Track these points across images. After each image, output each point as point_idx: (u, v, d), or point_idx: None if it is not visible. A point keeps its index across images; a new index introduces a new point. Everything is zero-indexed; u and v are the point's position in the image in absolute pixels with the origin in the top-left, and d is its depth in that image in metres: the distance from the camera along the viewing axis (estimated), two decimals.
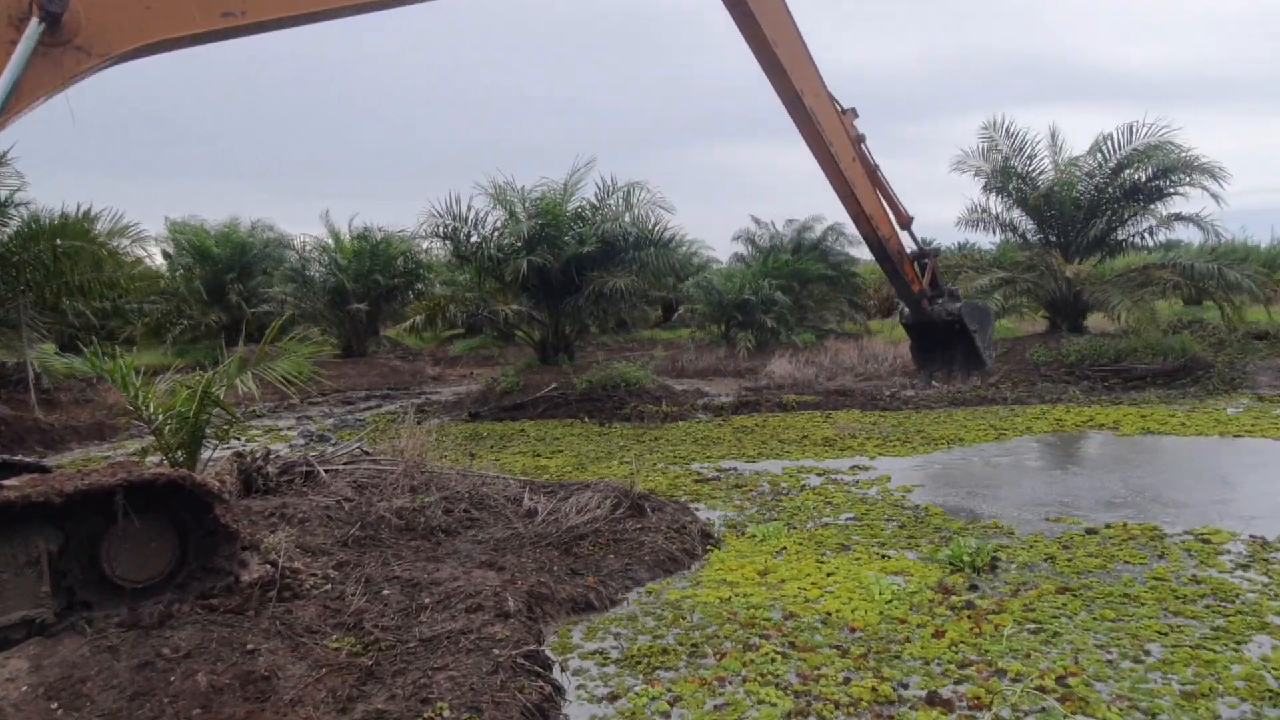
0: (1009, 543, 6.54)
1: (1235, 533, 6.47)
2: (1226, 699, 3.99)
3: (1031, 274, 19.07)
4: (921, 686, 4.23)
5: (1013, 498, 8.08)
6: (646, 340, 27.51)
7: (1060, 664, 4.37)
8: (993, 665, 4.40)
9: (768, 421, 13.43)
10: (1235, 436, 10.57)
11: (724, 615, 5.22)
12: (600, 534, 6.77)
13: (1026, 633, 4.79)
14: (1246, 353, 17.68)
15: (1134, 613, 5.05)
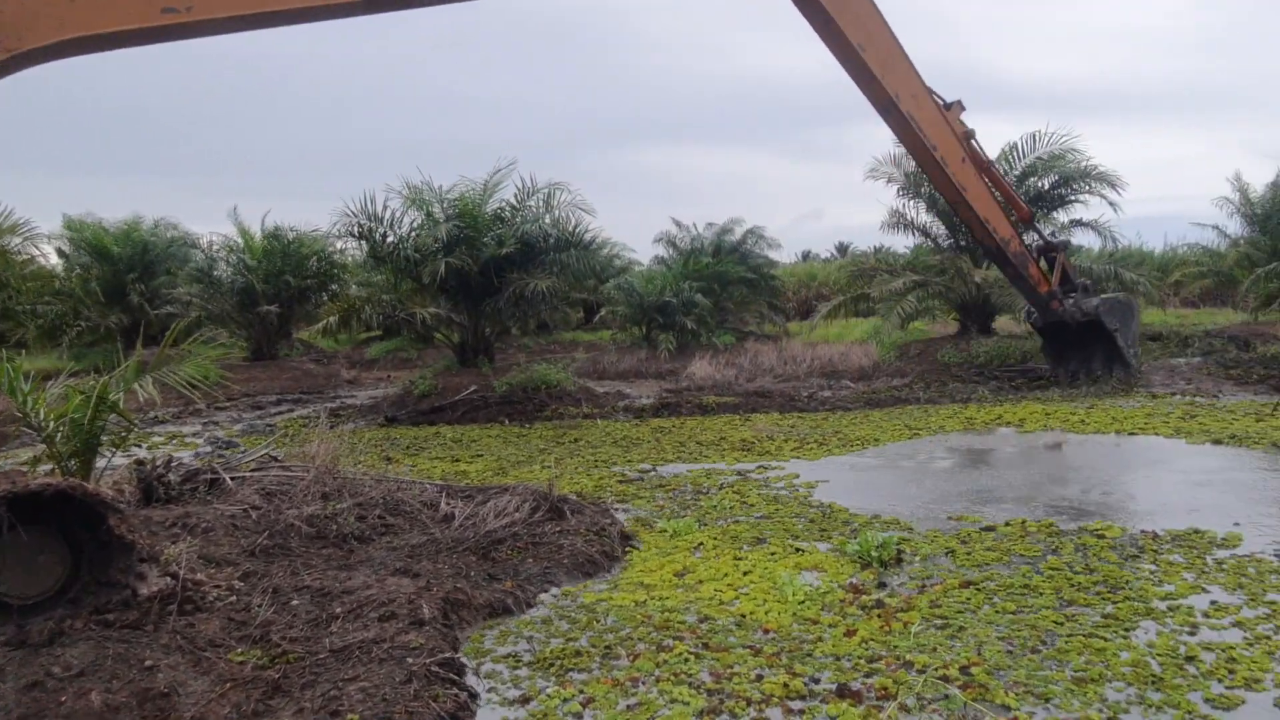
0: (911, 537, 6.73)
1: (1125, 527, 6.78)
2: (1114, 684, 4.17)
3: (943, 278, 19.68)
4: (832, 681, 4.32)
5: (919, 495, 8.32)
6: (568, 342, 27.45)
7: (964, 655, 4.51)
8: (900, 659, 4.52)
9: (687, 423, 13.54)
10: (1130, 434, 11.08)
11: (639, 618, 5.23)
12: (519, 538, 6.72)
13: (933, 628, 4.93)
14: (1142, 353, 18.56)
15: (1033, 603, 5.25)
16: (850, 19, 9.11)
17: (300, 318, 24.62)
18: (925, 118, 9.72)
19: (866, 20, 9.30)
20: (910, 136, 9.78)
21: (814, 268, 39.44)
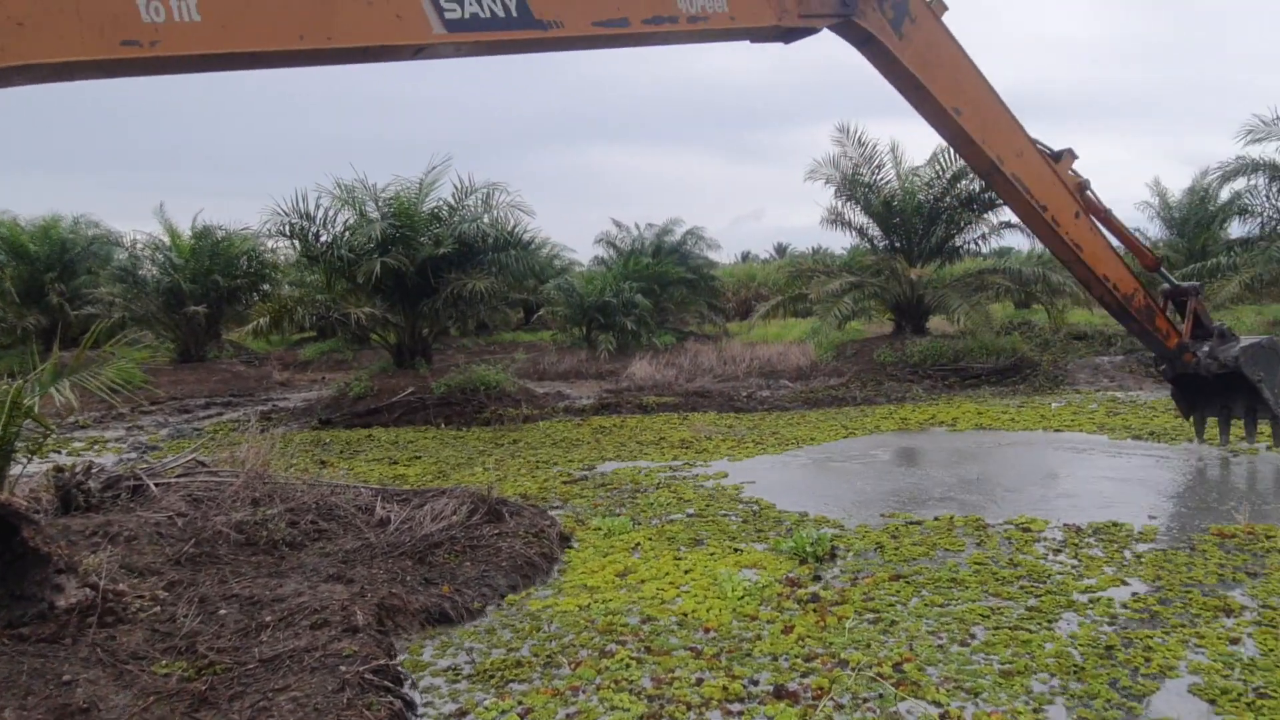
0: (844, 534, 6.85)
1: (1048, 520, 6.98)
2: (1039, 675, 4.30)
3: (879, 278, 20.03)
4: (770, 682, 4.36)
5: (852, 492, 8.46)
6: (508, 343, 27.22)
7: (897, 651, 4.60)
8: (836, 656, 4.58)
9: (628, 423, 13.56)
10: (1056, 431, 11.43)
11: (582, 623, 5.21)
12: (456, 541, 6.64)
13: (866, 623, 5.01)
14: (1068, 352, 19.16)
15: (960, 596, 5.38)
16: (944, 82, 7.79)
17: (230, 319, 23.94)
18: (1032, 176, 8.35)
19: (961, 78, 7.94)
20: (1016, 198, 8.45)
21: (753, 268, 39.82)
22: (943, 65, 7.76)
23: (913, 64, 7.57)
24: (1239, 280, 17.87)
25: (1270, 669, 4.24)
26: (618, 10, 5.83)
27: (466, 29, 5.27)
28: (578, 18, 5.71)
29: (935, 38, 7.74)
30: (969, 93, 7.94)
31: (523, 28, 5.48)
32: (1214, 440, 9.92)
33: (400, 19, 5.06)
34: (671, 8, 6.06)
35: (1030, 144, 8.37)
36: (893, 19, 7.41)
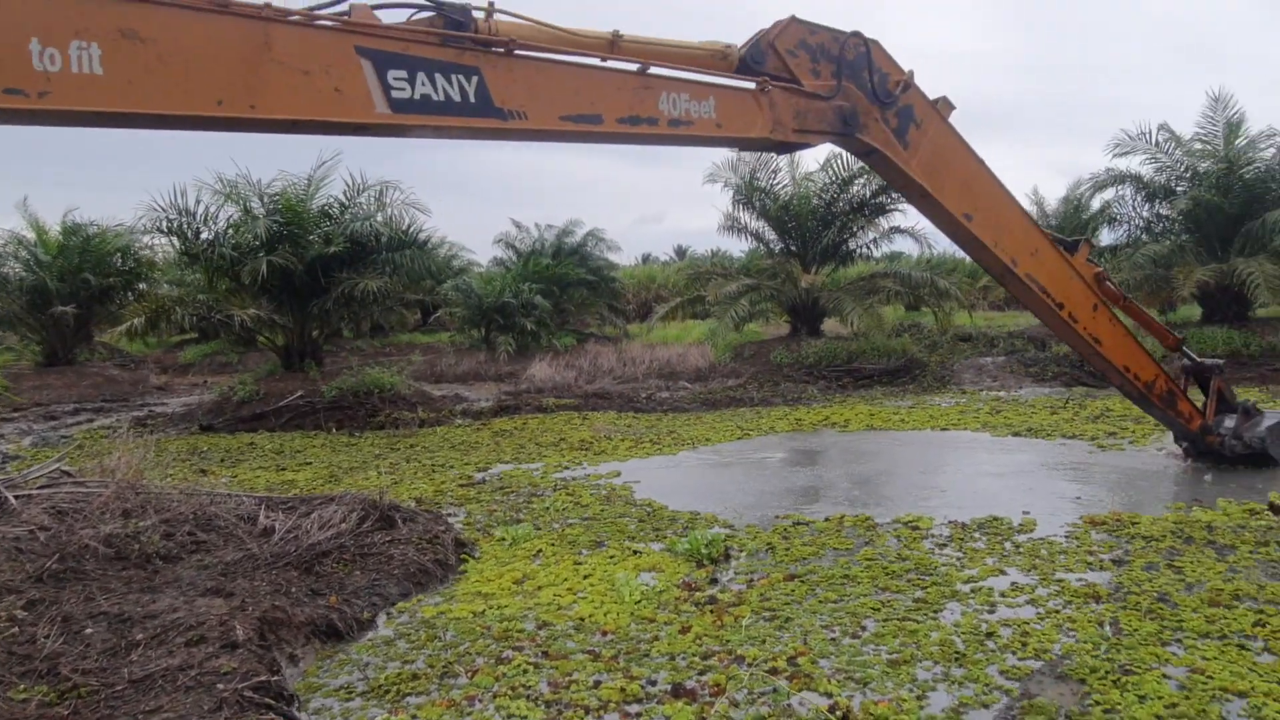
0: (738, 534, 6.92)
1: (934, 517, 7.22)
2: (924, 663, 4.43)
3: (775, 281, 20.41)
4: (668, 681, 4.35)
5: (747, 493, 8.58)
6: (404, 345, 26.61)
7: (792, 646, 4.66)
8: (733, 654, 4.62)
9: (527, 424, 13.43)
10: (943, 430, 11.86)
11: (478, 630, 5.11)
12: (346, 550, 6.42)
13: (763, 621, 5.08)
14: (955, 353, 19.93)
15: (852, 592, 5.50)
16: (953, 188, 7.11)
17: (103, 319, 22.58)
18: (1048, 275, 7.70)
19: (971, 181, 7.27)
20: (1031, 297, 7.80)
21: (653, 270, 40.06)
22: (951, 170, 7.11)
23: (920, 173, 6.91)
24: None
25: (1134, 647, 4.48)
26: (591, 106, 5.26)
27: (415, 111, 4.66)
28: (544, 110, 5.10)
29: (942, 141, 7.07)
30: (980, 196, 7.28)
31: (480, 116, 4.88)
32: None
33: (340, 94, 4.44)
34: (651, 109, 5.46)
35: (1045, 240, 7.80)
36: (897, 128, 6.74)
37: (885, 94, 6.61)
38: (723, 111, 5.76)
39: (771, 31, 6.11)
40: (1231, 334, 17.20)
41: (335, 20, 4.45)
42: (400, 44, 4.61)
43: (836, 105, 6.28)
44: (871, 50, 6.51)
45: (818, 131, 6.25)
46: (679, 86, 5.58)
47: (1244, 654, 4.37)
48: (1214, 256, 18.42)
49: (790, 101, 6.07)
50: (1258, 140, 18.66)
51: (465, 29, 4.81)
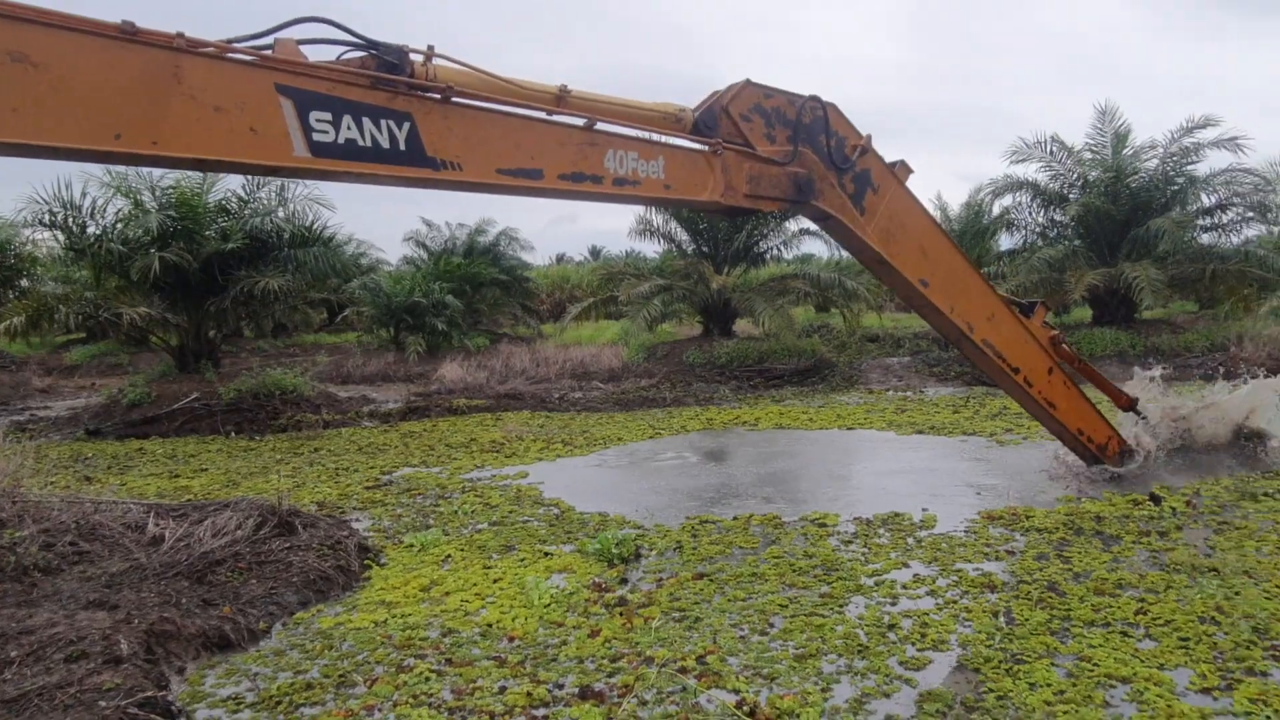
0: (649, 534, 6.94)
1: (839, 514, 7.36)
2: (829, 657, 4.51)
3: (688, 282, 20.56)
4: (576, 685, 4.31)
5: (657, 493, 8.59)
6: (309, 345, 25.81)
7: (701, 645, 4.68)
8: (642, 655, 4.60)
9: (437, 426, 13.19)
10: (849, 429, 12.12)
11: (378, 639, 4.97)
12: (241, 558, 6.18)
13: (672, 621, 5.08)
14: (862, 353, 20.44)
15: (760, 589, 5.56)
16: (909, 254, 6.93)
17: None
18: (1004, 341, 7.51)
19: (927, 245, 7.09)
20: (986, 362, 7.60)
21: (567, 270, 39.90)
22: (908, 235, 6.93)
23: (876, 239, 6.70)
24: (1006, 288, 19.71)
25: (1026, 636, 4.64)
26: (531, 160, 4.92)
27: (337, 156, 4.31)
28: (481, 162, 4.76)
29: (899, 205, 6.88)
30: (936, 261, 7.11)
31: (410, 165, 4.52)
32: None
33: (255, 134, 4.07)
34: (596, 166, 5.16)
35: (1001, 303, 7.61)
36: (854, 193, 6.54)
37: (842, 159, 6.41)
38: (672, 172, 5.52)
39: (725, 95, 5.83)
40: (1119, 335, 18.11)
41: (255, 55, 4.10)
42: (326, 84, 4.25)
43: (791, 172, 6.04)
44: (829, 114, 6.28)
45: (771, 198, 6.01)
46: (627, 144, 5.28)
47: (1127, 641, 4.57)
48: (1103, 261, 19.35)
49: (743, 166, 5.81)
50: (1141, 151, 19.71)
51: (400, 72, 4.47)
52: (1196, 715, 3.79)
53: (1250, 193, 19.59)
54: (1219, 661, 4.30)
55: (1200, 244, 19.97)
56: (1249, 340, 17.22)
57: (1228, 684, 4.07)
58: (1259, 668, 4.22)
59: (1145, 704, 3.90)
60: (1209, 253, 19.49)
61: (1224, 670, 4.20)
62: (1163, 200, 19.36)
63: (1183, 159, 19.25)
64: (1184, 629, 4.67)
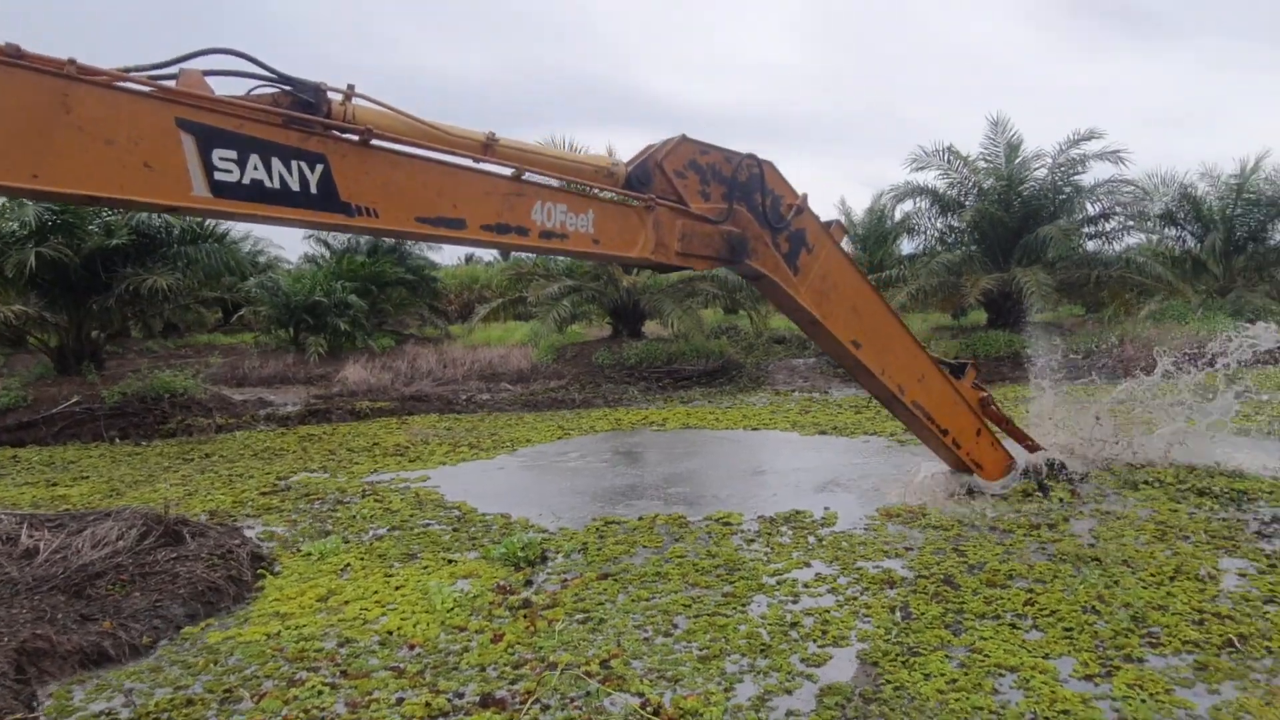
0: (555, 536, 6.88)
1: (743, 514, 7.43)
2: (732, 656, 4.53)
3: (597, 283, 20.54)
4: (477, 692, 4.23)
5: (564, 494, 8.54)
6: (203, 346, 24.77)
7: (605, 648, 4.64)
8: (545, 660, 4.54)
9: (339, 429, 12.82)
10: (755, 429, 12.29)
11: (269, 652, 4.77)
12: (123, 569, 5.86)
13: (576, 623, 5.03)
14: (769, 355, 20.79)
15: (663, 589, 5.56)
16: (842, 315, 6.82)
17: None
18: (934, 402, 7.45)
19: (860, 306, 6.96)
20: (915, 423, 7.55)
21: (476, 270, 39.33)
22: (841, 295, 6.82)
23: (809, 300, 6.60)
24: (907, 291, 20.35)
25: (922, 630, 4.77)
26: (454, 209, 4.69)
27: (240, 198, 4.03)
28: (398, 210, 4.50)
29: (833, 265, 6.77)
30: (868, 321, 7.00)
31: (321, 210, 4.25)
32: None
33: (149, 170, 3.77)
34: (523, 218, 4.95)
35: (932, 365, 7.51)
36: (788, 252, 6.43)
37: (777, 218, 6.32)
38: (602, 227, 5.33)
39: (660, 151, 5.69)
40: (1012, 337, 18.88)
41: (155, 86, 3.81)
42: (234, 120, 3.98)
43: (725, 230, 5.93)
44: (765, 171, 6.19)
45: (703, 256, 5.86)
46: (556, 196, 5.09)
47: (1015, 632, 4.73)
48: (997, 266, 20.16)
49: (676, 223, 5.66)
50: (1031, 161, 20.61)
51: (317, 111, 4.23)
52: (1078, 701, 3.95)
53: (1131, 202, 20.75)
54: (1100, 650, 4.49)
55: (1086, 251, 21.03)
56: (1130, 342, 18.19)
57: (1107, 671, 4.25)
58: (1135, 654, 4.42)
59: (1031, 691, 4.05)
60: (1094, 259, 20.54)
61: (1104, 659, 4.39)
62: (1051, 209, 20.29)
63: (1070, 169, 20.22)
64: (1068, 619, 4.87)
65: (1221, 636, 4.57)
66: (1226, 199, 23.33)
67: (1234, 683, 4.10)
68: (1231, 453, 8.69)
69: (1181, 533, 6.46)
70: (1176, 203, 23.86)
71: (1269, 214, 22.87)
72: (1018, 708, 3.90)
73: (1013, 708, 3.90)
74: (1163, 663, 4.34)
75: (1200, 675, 4.18)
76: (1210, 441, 8.84)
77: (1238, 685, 4.07)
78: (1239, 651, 4.41)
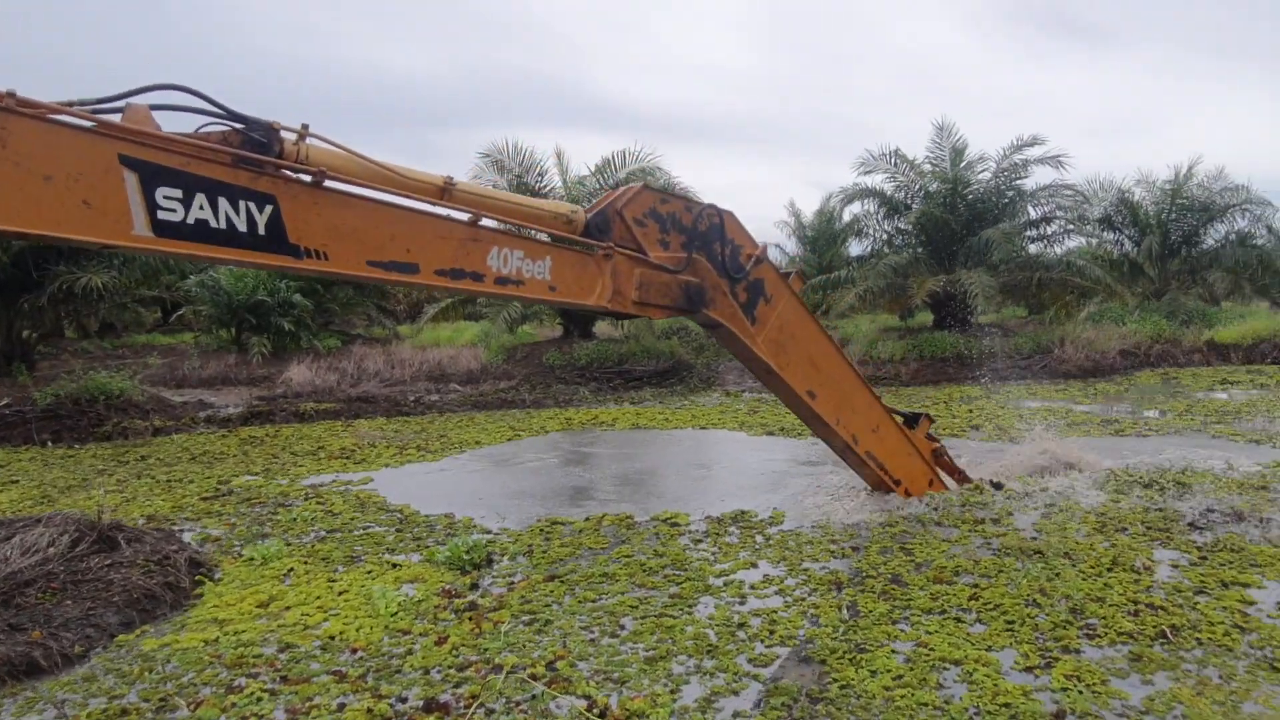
0: (500, 538, 6.83)
1: (690, 514, 7.43)
2: (679, 658, 4.51)
3: None
4: (421, 696, 4.16)
5: (511, 496, 8.47)
6: (141, 346, 24.10)
7: (551, 650, 4.60)
8: (491, 662, 4.49)
9: (282, 432, 12.56)
10: (703, 429, 12.32)
11: (207, 659, 4.64)
12: (54, 577, 5.66)
13: (522, 625, 4.98)
14: (720, 355, 20.84)
15: (610, 590, 5.54)
16: (798, 365, 6.76)
17: None
18: (887, 452, 7.41)
19: (816, 355, 6.89)
20: (868, 473, 7.49)
21: None
22: (798, 345, 6.78)
23: (766, 350, 6.57)
24: (855, 292, 20.61)
25: (869, 627, 4.81)
26: (406, 254, 4.61)
27: (184, 238, 3.90)
28: (349, 253, 4.41)
29: (790, 316, 6.76)
30: (825, 372, 6.94)
31: (268, 252, 4.13)
32: None
33: (88, 208, 3.63)
34: (478, 263, 4.89)
35: (886, 416, 7.44)
36: (746, 302, 6.40)
37: (736, 267, 6.30)
38: (558, 274, 5.29)
39: (620, 199, 5.67)
40: (957, 338, 19.23)
41: (98, 122, 3.67)
42: (180, 158, 3.85)
43: (683, 280, 5.91)
44: (725, 221, 6.18)
45: (660, 306, 5.82)
46: (513, 242, 5.05)
47: (960, 626, 4.80)
48: (943, 268, 20.51)
49: (634, 272, 5.64)
50: (975, 164, 21.02)
51: (268, 151, 4.10)
52: (1020, 692, 4.01)
53: (1071, 207, 21.27)
54: (1040, 642, 4.58)
55: (1028, 254, 21.50)
56: (1070, 343, 18.65)
57: (1047, 663, 4.33)
58: (1073, 646, 4.52)
59: (975, 684, 4.11)
60: (1036, 262, 21.02)
61: (1044, 650, 4.48)
62: (995, 212, 20.71)
63: (1013, 174, 20.67)
64: (1010, 612, 4.96)
65: (1155, 628, 4.69)
66: (1162, 204, 24.06)
67: (1166, 673, 4.20)
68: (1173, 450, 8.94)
69: (1120, 525, 6.63)
70: (1115, 208, 24.53)
71: (1201, 219, 23.63)
72: (961, 702, 3.95)
73: (957, 702, 3.95)
74: (1099, 654, 4.43)
75: (1135, 666, 4.28)
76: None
77: (1170, 676, 4.18)
78: (1171, 643, 4.53)
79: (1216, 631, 4.64)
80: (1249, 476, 8.17)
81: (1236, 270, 23.65)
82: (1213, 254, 24.03)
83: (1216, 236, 24.15)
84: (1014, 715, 3.84)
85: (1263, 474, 8.28)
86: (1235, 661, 4.31)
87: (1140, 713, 3.86)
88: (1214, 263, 23.82)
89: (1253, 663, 4.29)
